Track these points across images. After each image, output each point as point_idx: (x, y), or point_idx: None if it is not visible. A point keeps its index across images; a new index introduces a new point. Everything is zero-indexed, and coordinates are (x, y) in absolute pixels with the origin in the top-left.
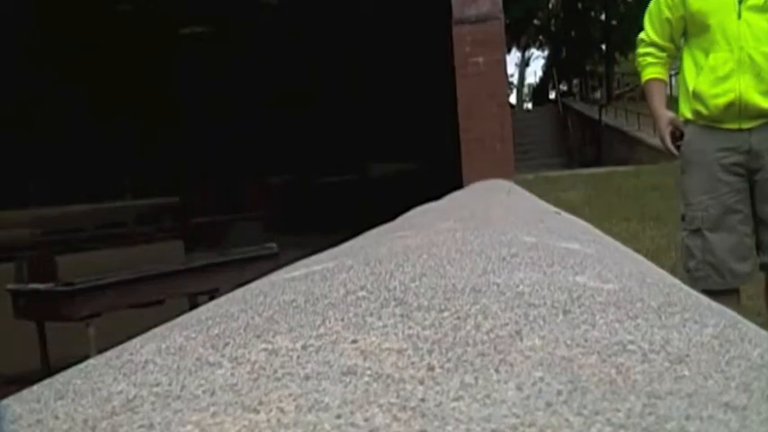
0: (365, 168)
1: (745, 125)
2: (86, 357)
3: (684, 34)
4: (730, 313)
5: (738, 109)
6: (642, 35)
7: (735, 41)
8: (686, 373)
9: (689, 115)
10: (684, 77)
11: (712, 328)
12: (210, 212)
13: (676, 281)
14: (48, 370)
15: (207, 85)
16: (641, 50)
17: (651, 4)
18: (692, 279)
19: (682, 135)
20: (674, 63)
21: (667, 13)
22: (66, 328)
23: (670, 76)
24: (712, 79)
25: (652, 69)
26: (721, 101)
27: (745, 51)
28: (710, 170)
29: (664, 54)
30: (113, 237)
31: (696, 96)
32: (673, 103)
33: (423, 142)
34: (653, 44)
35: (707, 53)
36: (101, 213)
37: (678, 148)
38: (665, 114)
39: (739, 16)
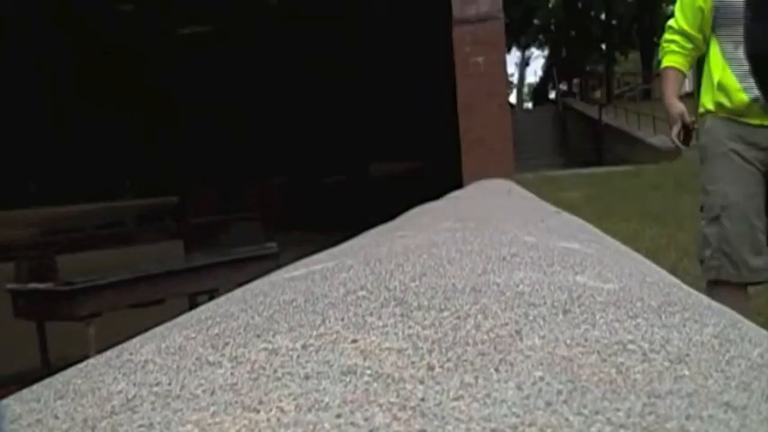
0: (365, 168)
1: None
2: (86, 357)
3: (713, 25)
4: (730, 313)
5: (762, 105)
6: (671, 22)
7: None
8: (686, 372)
9: (711, 107)
10: (710, 68)
11: (712, 327)
12: (210, 212)
13: (676, 280)
14: (48, 370)
15: (206, 84)
16: (667, 36)
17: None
18: (705, 269)
19: (689, 133)
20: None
21: (700, 2)
22: (66, 328)
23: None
24: (738, 74)
25: (673, 57)
26: (746, 96)
27: None
28: (730, 158)
29: (689, 45)
30: (113, 237)
31: (721, 88)
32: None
33: (423, 142)
34: (681, 32)
35: (736, 46)
36: (101, 213)
37: (684, 142)
38: (677, 105)
39: None
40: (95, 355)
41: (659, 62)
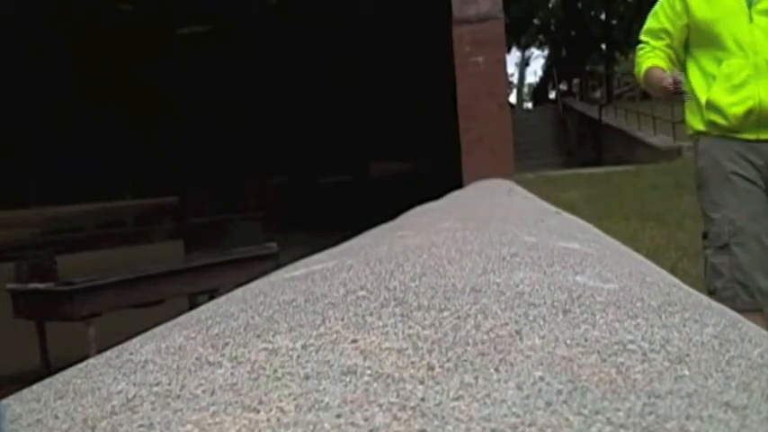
0: (365, 168)
1: (764, 135)
2: (86, 357)
3: (687, 46)
4: (730, 313)
5: (758, 117)
6: (638, 47)
7: (749, 46)
8: (686, 372)
9: (702, 127)
10: (693, 90)
11: (712, 327)
12: (210, 212)
13: (676, 280)
14: (48, 370)
15: (206, 84)
16: (639, 53)
17: (649, 20)
18: (719, 299)
19: (680, 87)
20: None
21: (668, 26)
22: (66, 328)
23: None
24: (727, 87)
25: (650, 60)
26: (739, 109)
27: (761, 56)
28: (731, 181)
29: (665, 47)
30: (113, 236)
31: (711, 107)
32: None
33: (423, 142)
34: (650, 45)
35: (719, 61)
36: (101, 213)
37: (677, 92)
38: (663, 72)
39: (750, 20)
40: (95, 355)
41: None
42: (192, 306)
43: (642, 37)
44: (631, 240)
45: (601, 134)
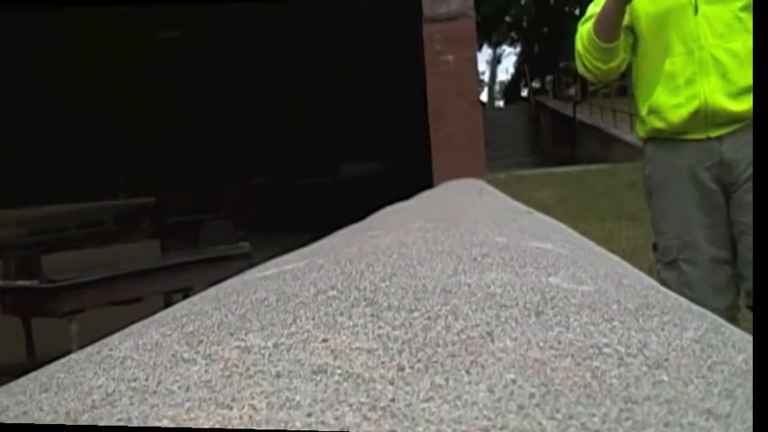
0: (336, 168)
1: (714, 133)
2: (69, 352)
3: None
4: (712, 316)
5: (705, 117)
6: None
7: (693, 41)
8: (665, 378)
9: (645, 135)
10: (636, 96)
11: (693, 331)
12: (186, 212)
13: (654, 282)
14: (33, 363)
15: (183, 86)
16: (578, 34)
17: (590, 8)
18: None
19: None
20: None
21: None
22: (50, 324)
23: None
24: (671, 88)
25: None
26: (684, 111)
27: (706, 50)
28: (680, 190)
29: None
30: (94, 236)
31: (653, 112)
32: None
33: (393, 141)
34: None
35: (662, 60)
36: (82, 213)
37: None
38: None
39: (696, 11)
40: (77, 350)
41: (587, 67)
42: (167, 304)
43: (580, 25)
44: (607, 241)
45: (575, 132)
